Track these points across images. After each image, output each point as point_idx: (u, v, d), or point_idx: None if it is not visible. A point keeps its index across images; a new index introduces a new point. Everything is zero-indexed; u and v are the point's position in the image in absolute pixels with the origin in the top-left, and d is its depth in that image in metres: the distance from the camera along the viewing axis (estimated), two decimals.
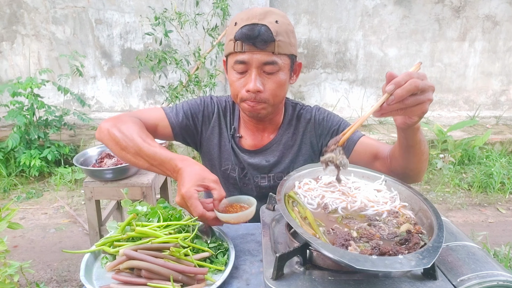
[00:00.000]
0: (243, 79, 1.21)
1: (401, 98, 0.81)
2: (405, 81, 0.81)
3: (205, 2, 4.23)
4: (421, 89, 0.82)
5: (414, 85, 0.80)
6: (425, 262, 0.68)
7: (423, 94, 0.83)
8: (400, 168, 1.16)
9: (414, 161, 1.12)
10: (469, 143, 4.31)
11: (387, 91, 0.81)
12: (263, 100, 1.22)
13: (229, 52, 1.22)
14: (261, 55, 1.16)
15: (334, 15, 4.75)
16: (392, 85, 0.81)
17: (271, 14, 1.17)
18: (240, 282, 0.91)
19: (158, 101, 4.78)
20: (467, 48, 4.98)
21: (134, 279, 0.86)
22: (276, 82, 1.21)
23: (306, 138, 1.40)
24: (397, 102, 0.81)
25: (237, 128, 1.42)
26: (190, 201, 0.94)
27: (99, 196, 2.18)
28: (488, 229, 3.10)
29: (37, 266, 2.60)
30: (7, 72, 4.63)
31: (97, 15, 4.50)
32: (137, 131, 1.12)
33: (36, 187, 3.75)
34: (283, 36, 1.17)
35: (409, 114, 0.89)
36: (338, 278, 0.79)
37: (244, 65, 1.19)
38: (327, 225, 0.86)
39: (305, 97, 5.07)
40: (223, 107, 1.43)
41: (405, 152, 1.10)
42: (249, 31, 1.13)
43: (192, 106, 1.39)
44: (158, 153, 1.06)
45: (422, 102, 0.84)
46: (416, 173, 1.17)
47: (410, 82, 0.80)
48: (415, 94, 0.82)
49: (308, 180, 1.06)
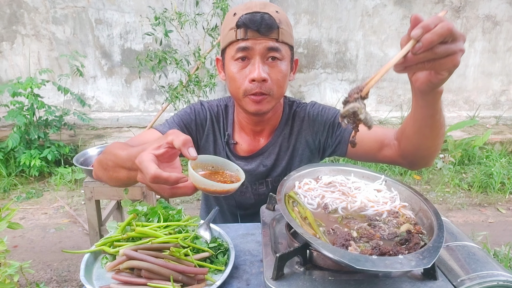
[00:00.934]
0: (245, 69, 1.15)
1: (431, 44, 0.66)
2: (435, 24, 0.66)
3: (205, 2, 4.23)
4: (454, 36, 0.68)
5: (446, 27, 0.66)
6: (425, 262, 0.68)
7: (455, 43, 0.69)
8: (413, 148, 1.06)
9: (431, 136, 0.99)
10: (469, 143, 4.31)
11: (413, 36, 0.66)
12: (268, 91, 1.15)
13: (230, 41, 1.15)
14: (265, 41, 1.11)
15: (334, 15, 4.75)
16: (419, 29, 0.66)
17: (271, 5, 1.16)
18: (240, 282, 0.91)
19: (158, 101, 4.78)
20: (467, 48, 4.98)
21: (134, 279, 0.86)
22: (280, 72, 1.16)
23: (301, 137, 1.33)
24: (426, 50, 0.67)
25: (231, 134, 1.35)
26: (141, 165, 0.75)
27: (99, 196, 2.18)
28: (488, 229, 3.10)
29: (37, 266, 2.60)
30: (7, 72, 4.62)
31: (97, 15, 4.50)
32: (118, 146, 0.99)
33: (36, 187, 3.75)
34: (285, 25, 1.15)
35: (437, 68, 0.73)
36: (338, 278, 0.79)
37: (246, 52, 1.13)
38: (327, 225, 0.86)
39: (305, 97, 5.06)
40: (216, 112, 1.35)
41: (421, 126, 0.98)
42: (252, 17, 1.10)
43: (184, 117, 1.31)
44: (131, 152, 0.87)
45: (454, 52, 0.70)
46: (431, 152, 1.05)
47: (441, 25, 0.66)
48: (446, 42, 0.68)
49: (308, 180, 1.05)
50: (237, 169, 0.92)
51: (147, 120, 4.48)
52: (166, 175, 0.73)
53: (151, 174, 0.73)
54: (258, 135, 1.34)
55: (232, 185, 0.83)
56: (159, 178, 0.73)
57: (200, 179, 0.79)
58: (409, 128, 1.03)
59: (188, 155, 0.78)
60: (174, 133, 0.79)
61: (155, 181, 0.73)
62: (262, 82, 1.14)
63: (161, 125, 1.28)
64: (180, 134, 0.79)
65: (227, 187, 0.82)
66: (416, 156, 1.08)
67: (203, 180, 0.79)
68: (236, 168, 0.92)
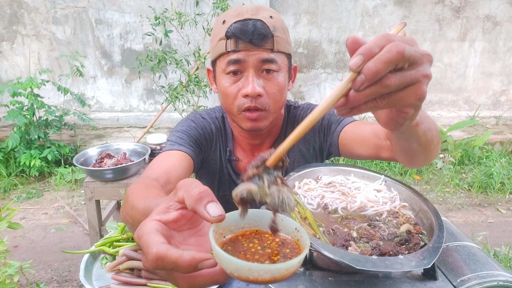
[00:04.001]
0: (238, 83, 1.04)
1: (377, 75, 0.46)
2: (381, 46, 0.47)
3: (205, 2, 4.23)
4: (410, 59, 0.47)
5: (395, 50, 0.46)
6: (425, 263, 0.68)
7: (415, 68, 0.49)
8: (409, 162, 0.93)
9: (421, 154, 0.84)
10: (469, 143, 4.31)
11: (351, 67, 0.47)
12: (263, 107, 1.05)
13: (220, 54, 1.04)
14: (258, 52, 1.00)
15: (334, 15, 4.75)
16: (358, 56, 0.47)
17: (264, 10, 1.04)
18: (240, 282, 0.91)
19: (158, 101, 4.78)
20: (467, 48, 4.98)
21: (134, 280, 0.86)
22: (277, 85, 1.06)
23: (294, 147, 1.20)
24: (371, 84, 0.47)
25: (232, 149, 1.23)
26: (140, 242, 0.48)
27: (99, 196, 2.18)
28: (488, 229, 3.10)
29: (38, 266, 2.59)
30: (7, 72, 4.62)
31: (97, 15, 4.50)
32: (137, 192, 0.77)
33: (36, 187, 3.75)
34: (280, 32, 1.03)
35: (396, 104, 0.51)
36: (338, 279, 0.79)
37: (238, 65, 1.02)
38: (327, 226, 0.86)
39: (305, 97, 5.06)
40: (217, 125, 1.23)
41: (406, 150, 0.85)
42: (243, 26, 0.98)
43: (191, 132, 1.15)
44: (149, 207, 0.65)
45: (415, 81, 0.49)
46: (426, 159, 0.89)
47: (388, 48, 0.46)
48: (401, 69, 0.48)
49: (308, 180, 1.05)
50: (296, 228, 0.54)
51: (147, 120, 4.48)
52: (175, 256, 0.44)
53: (152, 255, 0.45)
54: (257, 148, 1.23)
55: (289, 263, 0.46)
56: (165, 261, 0.45)
57: (228, 259, 0.45)
58: (395, 147, 0.89)
59: (207, 216, 0.48)
60: (185, 185, 0.52)
61: (160, 266, 0.45)
62: (257, 97, 1.04)
63: (173, 144, 1.10)
64: (193, 185, 0.51)
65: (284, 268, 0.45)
66: (410, 162, 0.94)
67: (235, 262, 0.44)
68: (295, 228, 0.54)
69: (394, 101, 0.50)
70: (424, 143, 0.76)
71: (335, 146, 1.17)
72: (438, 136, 0.84)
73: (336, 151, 1.21)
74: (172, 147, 1.08)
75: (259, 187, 0.52)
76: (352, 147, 1.11)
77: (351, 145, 1.11)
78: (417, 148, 0.80)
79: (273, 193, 0.51)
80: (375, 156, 1.06)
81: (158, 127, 4.44)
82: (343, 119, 1.15)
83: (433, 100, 5.17)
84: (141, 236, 0.47)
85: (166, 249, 0.45)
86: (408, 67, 0.48)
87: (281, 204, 0.51)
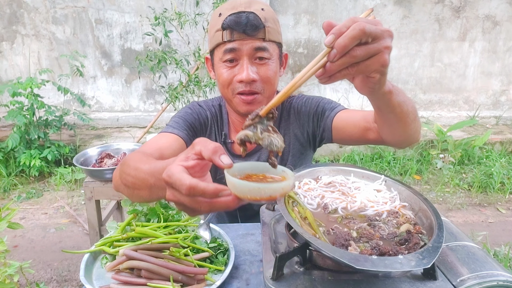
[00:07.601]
0: (234, 70, 1.16)
1: (345, 48, 0.62)
2: (347, 26, 0.62)
3: (205, 2, 4.23)
4: (372, 35, 0.63)
5: (358, 28, 0.61)
6: (425, 262, 0.68)
7: (377, 41, 0.64)
8: (390, 136, 1.04)
9: (399, 126, 0.97)
10: (469, 143, 4.31)
11: (326, 44, 0.63)
12: (257, 90, 1.17)
13: (217, 43, 1.16)
14: (251, 41, 1.12)
15: (334, 15, 4.75)
16: (331, 35, 0.62)
17: (256, 3, 1.15)
18: (240, 282, 0.91)
19: (158, 101, 4.78)
20: (467, 48, 4.98)
21: (134, 279, 0.86)
22: (269, 70, 1.17)
23: (289, 131, 1.34)
24: (342, 55, 0.62)
25: (228, 133, 1.35)
26: (172, 179, 0.63)
27: (99, 196, 2.18)
28: (488, 229, 3.10)
29: (37, 266, 2.60)
30: (7, 72, 4.62)
31: (97, 15, 4.50)
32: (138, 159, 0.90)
33: (36, 187, 3.75)
34: (271, 23, 1.15)
35: (365, 71, 0.67)
36: (338, 278, 0.79)
37: (234, 54, 1.14)
38: (327, 225, 0.86)
39: None
40: (214, 112, 1.36)
41: (385, 120, 0.96)
42: (238, 18, 1.10)
43: (187, 117, 1.29)
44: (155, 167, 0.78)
45: (378, 51, 0.65)
46: (408, 137, 1.02)
47: (353, 27, 0.61)
48: (365, 43, 0.63)
49: (308, 180, 1.05)
50: (282, 170, 0.71)
51: (147, 120, 4.48)
52: (203, 185, 0.61)
53: (186, 185, 0.61)
54: None
55: (284, 183, 0.63)
56: (196, 190, 0.61)
57: (243, 184, 0.61)
58: (377, 120, 1.02)
59: (221, 163, 0.64)
60: (201, 142, 0.67)
61: (191, 193, 0.61)
62: (252, 82, 1.15)
63: (168, 127, 1.24)
64: (208, 142, 0.67)
65: (280, 187, 0.62)
66: (397, 141, 1.06)
67: (248, 185, 0.61)
68: (282, 169, 0.71)
69: (362, 68, 0.66)
70: (399, 113, 0.91)
71: (329, 131, 1.26)
72: (415, 113, 0.97)
73: (329, 136, 1.28)
74: (167, 129, 1.23)
75: (254, 133, 0.70)
76: (344, 130, 1.22)
77: (344, 129, 1.21)
78: (394, 119, 0.93)
79: (265, 137, 0.70)
80: (364, 137, 1.15)
81: (158, 127, 4.43)
82: (336, 107, 1.26)
83: (433, 100, 5.17)
84: (172, 175, 0.63)
85: (196, 181, 0.61)
86: (372, 41, 0.64)
87: (270, 144, 0.69)
